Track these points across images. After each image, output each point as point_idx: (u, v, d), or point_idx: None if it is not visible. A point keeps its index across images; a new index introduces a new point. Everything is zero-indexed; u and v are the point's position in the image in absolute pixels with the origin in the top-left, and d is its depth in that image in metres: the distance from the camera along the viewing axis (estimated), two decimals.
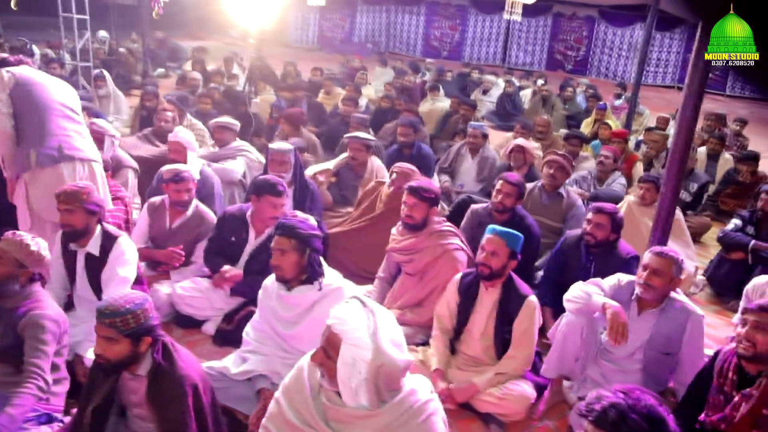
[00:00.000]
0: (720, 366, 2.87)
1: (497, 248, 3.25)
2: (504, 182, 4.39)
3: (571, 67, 20.47)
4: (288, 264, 3.05)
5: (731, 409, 2.74)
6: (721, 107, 15.43)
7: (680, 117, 3.63)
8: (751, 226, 5.13)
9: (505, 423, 3.26)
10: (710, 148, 7.90)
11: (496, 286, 3.34)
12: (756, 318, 2.65)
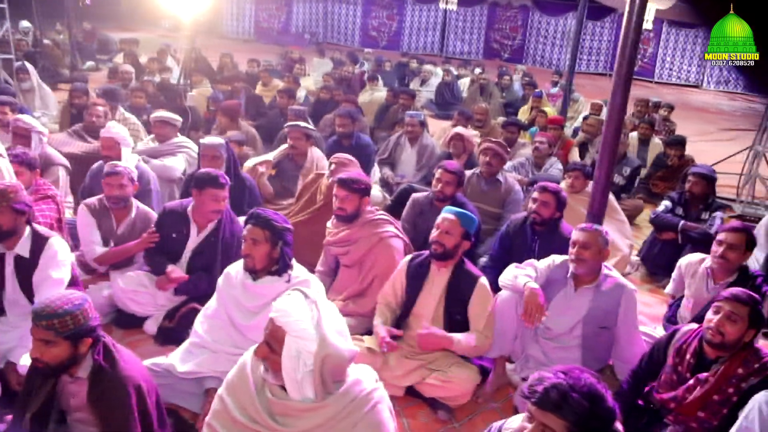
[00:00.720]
0: (678, 345, 2.94)
1: (451, 227, 3.29)
2: (443, 171, 4.44)
3: (507, 56, 20.83)
4: (259, 254, 3.04)
5: (684, 390, 2.83)
6: (651, 93, 16.00)
7: (610, 103, 3.74)
8: (680, 207, 5.33)
9: (452, 408, 3.31)
10: (641, 133, 8.17)
11: (447, 266, 3.37)
12: (729, 308, 2.71)
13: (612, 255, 5.04)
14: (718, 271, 3.73)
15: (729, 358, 2.75)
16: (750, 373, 2.71)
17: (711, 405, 2.76)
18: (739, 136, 12.30)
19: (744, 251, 3.67)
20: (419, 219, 4.56)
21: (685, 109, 15.62)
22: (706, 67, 20.46)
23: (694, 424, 2.81)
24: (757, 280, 3.64)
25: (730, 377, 2.73)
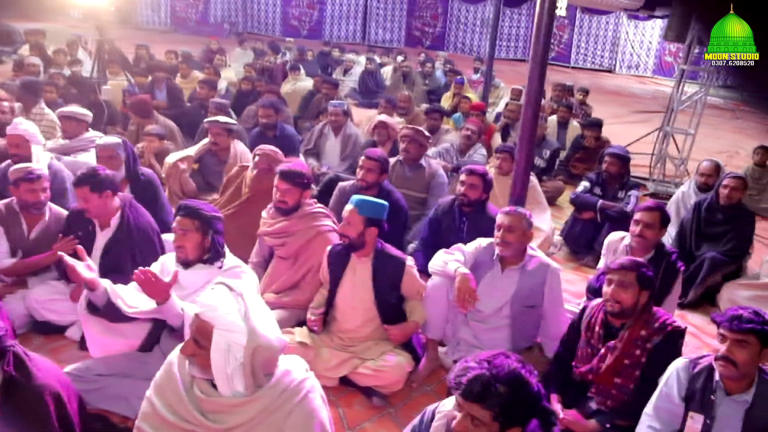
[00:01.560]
0: (587, 321, 3.09)
1: (350, 217, 3.29)
2: (365, 158, 4.45)
3: (429, 43, 21.03)
4: (191, 245, 2.99)
5: (598, 360, 2.97)
6: (567, 78, 16.51)
7: (527, 88, 3.83)
8: (598, 187, 5.53)
9: (386, 394, 3.34)
10: (560, 116, 8.43)
11: (367, 255, 3.38)
12: (619, 277, 2.88)
13: (536, 236, 5.18)
14: (637, 248, 3.89)
15: (631, 323, 2.90)
16: (652, 333, 2.87)
17: (624, 370, 2.90)
18: (650, 117, 12.87)
19: (659, 229, 3.85)
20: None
21: (600, 92, 16.20)
22: (618, 53, 21.28)
23: (614, 391, 2.95)
24: (672, 256, 3.84)
25: (635, 340, 2.88)
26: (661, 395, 2.63)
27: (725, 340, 2.42)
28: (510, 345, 3.56)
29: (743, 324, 2.37)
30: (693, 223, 5.06)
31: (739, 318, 2.38)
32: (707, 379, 2.54)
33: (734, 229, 4.89)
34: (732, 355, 2.39)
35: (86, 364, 2.98)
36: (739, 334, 2.37)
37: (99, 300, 2.69)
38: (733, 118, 14.75)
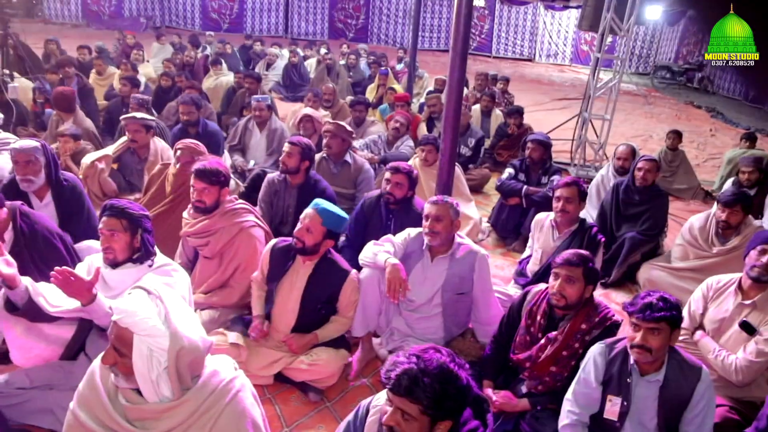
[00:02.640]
0: (530, 308, 3.13)
1: (312, 225, 3.23)
2: (288, 144, 4.42)
3: (352, 35, 20.96)
4: (119, 245, 2.88)
5: (537, 350, 3.02)
6: (490, 67, 16.83)
7: (449, 78, 3.85)
8: (522, 173, 5.67)
9: (322, 389, 3.33)
10: (483, 105, 8.57)
11: (312, 260, 3.33)
12: (566, 272, 2.91)
13: (465, 223, 5.26)
14: (561, 223, 4.07)
15: (573, 315, 2.97)
16: (592, 327, 2.95)
17: (561, 360, 2.98)
18: (570, 104, 13.28)
19: (579, 202, 4.02)
20: (275, 198, 4.54)
21: (522, 81, 16.60)
22: (537, 42, 21.83)
23: (547, 378, 3.02)
24: (593, 230, 4.01)
25: (576, 333, 2.95)
26: (579, 381, 2.71)
27: (639, 328, 2.51)
28: (443, 332, 3.61)
29: (655, 313, 2.45)
30: (612, 205, 5.25)
31: (650, 307, 2.47)
32: (623, 363, 2.63)
33: (650, 209, 5.10)
34: (647, 342, 2.48)
35: (5, 377, 2.82)
36: (652, 323, 2.46)
37: (19, 298, 2.55)
38: (645, 104, 15.39)
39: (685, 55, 20.56)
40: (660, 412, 2.58)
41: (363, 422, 2.15)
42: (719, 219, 4.41)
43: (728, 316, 3.29)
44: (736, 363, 3.13)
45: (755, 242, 3.30)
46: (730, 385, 3.23)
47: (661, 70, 20.18)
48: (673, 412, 2.57)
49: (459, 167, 5.65)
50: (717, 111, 15.08)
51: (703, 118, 14.39)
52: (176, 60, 10.54)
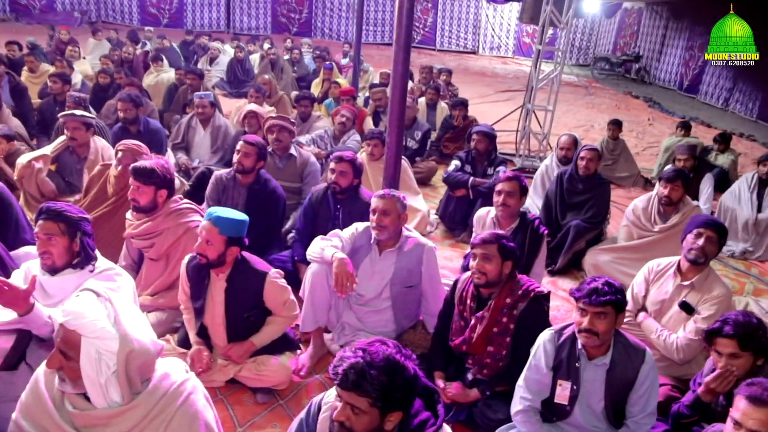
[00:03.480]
0: (460, 294, 3.21)
1: (211, 236, 3.01)
2: (243, 143, 4.32)
3: (296, 30, 20.75)
4: (57, 250, 2.77)
5: (469, 331, 3.09)
6: (434, 60, 16.94)
7: (393, 71, 3.85)
8: (468, 165, 5.73)
9: (273, 390, 3.30)
10: (428, 98, 8.62)
11: (224, 271, 3.15)
12: (482, 251, 3.01)
13: (412, 216, 5.29)
14: (502, 217, 4.10)
15: (497, 292, 3.05)
16: (517, 300, 3.03)
17: (494, 338, 3.04)
18: (514, 96, 13.49)
19: (520, 197, 4.06)
20: (223, 196, 4.43)
21: (466, 74, 16.76)
22: (480, 35, 22.07)
23: (488, 360, 3.08)
24: (535, 222, 4.07)
25: (502, 308, 3.03)
26: (530, 367, 2.77)
27: (586, 313, 2.57)
28: (394, 325, 3.63)
29: (601, 297, 2.52)
30: (557, 194, 5.37)
31: (596, 292, 2.54)
32: (571, 348, 2.70)
33: (594, 197, 5.23)
34: (594, 326, 2.55)
35: None
36: (599, 307, 2.53)
37: None
38: (586, 94, 15.75)
39: (622, 46, 21.15)
40: (607, 395, 2.66)
41: (315, 419, 2.14)
42: (662, 195, 4.64)
43: (668, 298, 3.42)
44: (677, 342, 3.26)
45: (691, 226, 3.43)
46: (672, 364, 3.36)
47: (601, 61, 20.69)
48: (619, 393, 2.65)
49: (406, 160, 5.67)
50: (654, 101, 15.57)
51: (641, 107, 14.84)
52: (114, 56, 10.24)
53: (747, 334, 2.55)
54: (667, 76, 18.56)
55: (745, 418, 2.00)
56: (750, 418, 1.99)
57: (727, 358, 2.57)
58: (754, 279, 5.48)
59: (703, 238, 3.33)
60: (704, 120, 13.44)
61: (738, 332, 2.54)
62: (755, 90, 14.08)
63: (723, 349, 2.58)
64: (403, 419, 1.96)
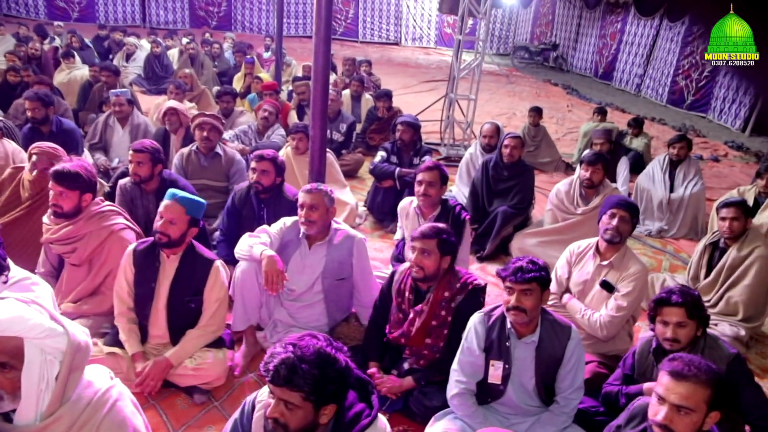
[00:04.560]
0: (397, 286, 3.22)
1: (175, 216, 3.08)
2: (133, 152, 4.11)
3: (215, 24, 20.29)
4: None
5: (408, 324, 3.11)
6: (357, 52, 16.92)
7: (314, 64, 3.82)
8: (394, 155, 5.76)
9: (209, 389, 3.23)
10: (353, 90, 8.62)
11: (177, 254, 3.18)
12: (422, 245, 3.02)
13: (341, 209, 5.29)
14: (424, 207, 4.15)
15: (435, 286, 3.09)
16: (455, 293, 3.09)
17: (433, 330, 3.09)
18: (437, 86, 13.65)
19: (441, 186, 4.12)
20: (132, 206, 4.21)
21: (389, 65, 16.85)
22: (402, 26, 22.20)
23: (425, 351, 3.13)
24: (456, 209, 4.15)
25: (440, 302, 3.08)
26: (463, 350, 2.83)
27: (513, 291, 2.66)
28: (327, 319, 3.62)
29: (526, 274, 2.62)
30: (483, 182, 5.47)
31: (521, 270, 2.64)
32: (501, 328, 2.78)
33: (518, 183, 5.37)
34: (521, 303, 2.64)
35: None
36: (524, 284, 2.62)
37: None
38: (507, 83, 16.11)
39: (539, 35, 21.74)
40: (537, 371, 2.75)
41: (250, 418, 2.12)
42: (583, 178, 4.84)
43: (590, 278, 3.55)
44: (600, 320, 3.39)
45: (605, 207, 3.58)
46: (597, 341, 3.50)
47: (520, 50, 21.20)
48: (548, 370, 2.75)
49: (332, 154, 5.66)
50: (572, 88, 16.11)
51: (560, 94, 15.31)
52: (20, 53, 9.71)
53: (694, 303, 2.68)
54: (583, 63, 19.23)
55: (668, 393, 2.07)
56: (672, 393, 2.06)
57: (674, 327, 2.67)
58: (670, 256, 5.76)
59: (617, 218, 3.46)
60: (619, 105, 14.01)
61: (686, 300, 2.66)
62: (664, 76, 14.78)
63: (670, 318, 2.68)
64: (338, 412, 1.96)
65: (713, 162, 9.65)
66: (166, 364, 3.13)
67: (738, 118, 12.17)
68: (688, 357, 2.13)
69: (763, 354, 4.18)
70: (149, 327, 3.26)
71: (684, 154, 6.29)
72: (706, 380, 2.05)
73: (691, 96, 13.81)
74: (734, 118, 12.30)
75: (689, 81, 13.87)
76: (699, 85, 13.53)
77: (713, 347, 2.73)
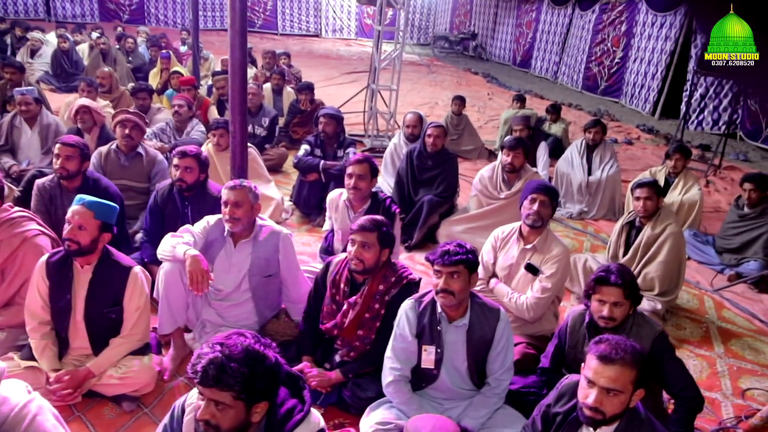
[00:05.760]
0: (333, 277, 3.21)
1: (84, 221, 2.91)
2: (62, 145, 3.96)
3: (127, 17, 19.54)
4: None
5: (342, 316, 3.11)
6: (278, 45, 16.71)
7: (230, 57, 3.74)
8: (318, 148, 5.72)
9: (137, 396, 3.11)
10: (274, 83, 8.50)
11: (91, 262, 3.02)
12: (362, 238, 3.01)
13: (266, 205, 5.21)
14: (354, 200, 4.15)
15: (371, 278, 3.10)
16: (390, 287, 3.11)
17: (366, 322, 3.11)
18: (359, 77, 13.65)
19: (371, 178, 4.12)
20: (51, 206, 4.04)
21: (311, 57, 16.72)
22: (322, 17, 22.07)
23: (357, 343, 3.14)
24: (386, 202, 4.17)
25: (375, 294, 3.09)
26: (396, 337, 2.86)
27: (441, 274, 2.70)
28: (256, 316, 3.58)
29: (453, 257, 2.68)
30: (408, 172, 5.51)
31: (448, 253, 2.69)
32: (432, 313, 2.83)
33: (443, 172, 5.45)
34: (449, 286, 2.68)
35: None
36: (452, 267, 2.68)
37: None
38: (428, 72, 16.29)
39: (457, 25, 22.07)
40: (469, 354, 2.81)
41: (180, 422, 2.07)
42: (505, 163, 4.96)
43: (515, 262, 3.64)
44: (527, 302, 3.49)
45: (526, 192, 3.67)
46: (525, 323, 3.60)
47: (440, 40, 21.47)
48: (479, 352, 2.81)
49: (255, 149, 5.57)
50: (492, 76, 16.46)
51: (481, 83, 15.61)
52: None
53: (631, 283, 2.78)
54: (502, 52, 19.67)
55: (597, 377, 2.13)
56: (601, 376, 2.12)
57: (610, 306, 2.76)
58: (591, 237, 5.98)
59: (537, 202, 3.56)
60: (537, 92, 14.41)
61: (624, 280, 2.74)
62: (578, 63, 15.30)
63: (608, 297, 2.76)
64: (270, 409, 1.94)
65: (627, 145, 10.09)
66: (85, 373, 3.00)
67: (648, 102, 12.75)
68: (614, 339, 2.19)
69: (678, 326, 4.40)
70: (69, 339, 3.11)
71: (599, 138, 6.53)
72: (632, 362, 2.12)
73: (604, 82, 14.35)
74: (644, 102, 12.88)
75: (602, 67, 14.41)
76: (611, 72, 14.08)
77: (641, 324, 2.84)
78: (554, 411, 2.41)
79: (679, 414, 2.77)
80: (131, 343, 3.13)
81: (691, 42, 11.57)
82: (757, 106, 10.31)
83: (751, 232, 5.27)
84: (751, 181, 5.30)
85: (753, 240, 5.25)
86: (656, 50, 12.47)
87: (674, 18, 11.99)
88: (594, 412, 2.13)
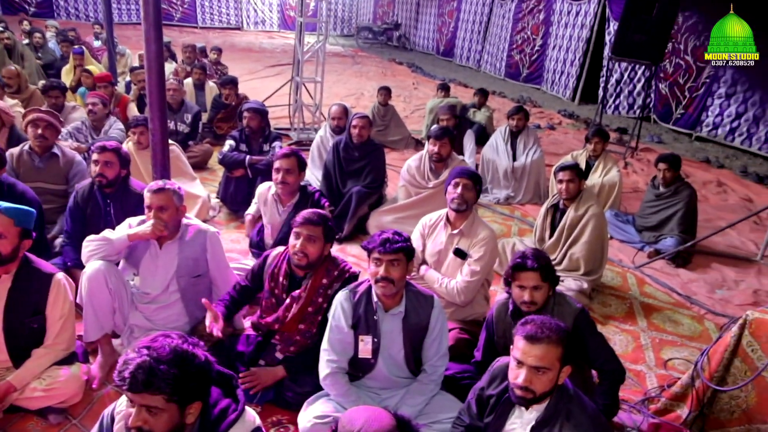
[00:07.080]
0: (271, 271, 3.16)
1: (4, 229, 2.74)
2: None
3: (34, 10, 18.57)
4: None
5: (284, 310, 3.08)
6: (198, 39, 16.30)
7: (146, 52, 3.62)
8: (243, 143, 5.63)
9: (64, 408, 2.99)
10: (195, 78, 8.28)
11: (10, 271, 2.85)
12: (307, 232, 2.98)
13: (193, 203, 5.09)
14: (282, 194, 4.12)
15: (314, 272, 3.08)
16: (332, 281, 3.11)
17: (308, 316, 3.09)
18: (283, 70, 13.49)
19: (299, 172, 4.09)
20: None
21: (233, 50, 16.38)
22: (243, 10, 21.67)
23: (298, 337, 3.12)
24: (315, 195, 4.16)
25: (318, 288, 3.08)
26: (332, 328, 2.85)
27: (381, 262, 2.71)
28: (186, 318, 3.50)
29: (394, 245, 2.70)
30: (335, 164, 5.49)
31: (388, 241, 2.71)
32: (367, 303, 2.84)
33: (370, 163, 5.46)
34: (389, 274, 2.70)
35: None
36: (392, 255, 2.69)
37: None
38: (353, 63, 16.26)
39: (381, 15, 22.12)
40: (406, 342, 2.84)
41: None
42: (432, 153, 5.01)
43: (443, 248, 3.70)
44: (457, 286, 3.54)
45: (450, 178, 3.74)
46: (457, 308, 3.65)
47: (363, 30, 21.46)
48: (415, 339, 2.84)
49: (177, 146, 5.42)
50: (416, 66, 16.59)
51: (406, 73, 15.71)
52: None
53: (547, 266, 2.84)
54: (425, 42, 19.85)
55: (525, 357, 2.20)
56: (529, 356, 2.19)
57: (530, 291, 2.82)
58: (518, 221, 6.12)
59: (461, 186, 3.62)
60: (461, 81, 14.63)
61: (540, 264, 2.81)
62: (500, 51, 15.60)
63: (527, 282, 2.82)
64: (204, 410, 1.90)
65: (549, 130, 10.39)
66: (6, 387, 2.84)
67: (567, 88, 13.16)
68: (539, 320, 2.27)
69: (603, 303, 4.57)
70: None
71: (522, 124, 6.69)
72: (557, 339, 2.20)
73: (526, 69, 14.71)
74: (564, 88, 13.28)
75: (523, 55, 14.76)
76: (532, 59, 14.44)
77: (561, 303, 2.93)
78: (488, 393, 2.47)
79: (604, 386, 2.88)
80: (56, 353, 2.98)
81: (605, 29, 11.99)
82: (667, 89, 10.81)
83: (667, 210, 5.53)
84: (665, 162, 5.55)
85: (669, 217, 5.51)
86: (573, 38, 12.88)
87: (588, 6, 12.41)
88: (524, 392, 2.20)
